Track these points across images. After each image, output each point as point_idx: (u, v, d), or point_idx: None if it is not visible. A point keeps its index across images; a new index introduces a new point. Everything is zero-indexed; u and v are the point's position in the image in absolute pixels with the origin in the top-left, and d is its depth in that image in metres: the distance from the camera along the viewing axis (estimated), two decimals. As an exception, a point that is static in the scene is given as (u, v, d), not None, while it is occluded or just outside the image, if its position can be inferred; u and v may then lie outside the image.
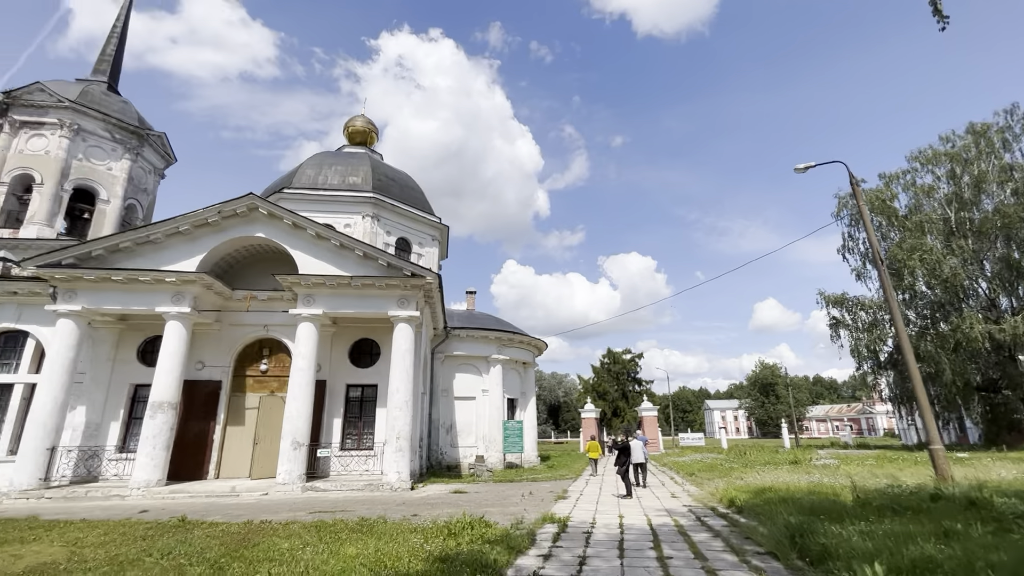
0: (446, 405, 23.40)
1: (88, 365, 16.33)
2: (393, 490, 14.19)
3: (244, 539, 7.31)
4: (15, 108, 24.22)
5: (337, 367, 17.50)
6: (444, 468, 22.33)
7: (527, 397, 26.80)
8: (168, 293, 15.35)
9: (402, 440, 14.86)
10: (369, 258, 16.17)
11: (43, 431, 14.05)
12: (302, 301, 15.67)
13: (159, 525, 8.83)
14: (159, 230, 15.52)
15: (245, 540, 7.23)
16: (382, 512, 9.92)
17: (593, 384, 66.41)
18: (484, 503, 11.41)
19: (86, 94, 25.50)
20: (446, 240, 30.60)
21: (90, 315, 15.42)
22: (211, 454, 16.15)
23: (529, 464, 24.67)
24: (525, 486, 15.22)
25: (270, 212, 16.10)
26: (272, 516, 9.88)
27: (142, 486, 13.75)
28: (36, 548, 7.16)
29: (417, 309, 16.09)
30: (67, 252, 14.95)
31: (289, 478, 14.11)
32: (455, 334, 23.65)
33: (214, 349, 17.03)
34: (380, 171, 27.89)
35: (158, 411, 14.48)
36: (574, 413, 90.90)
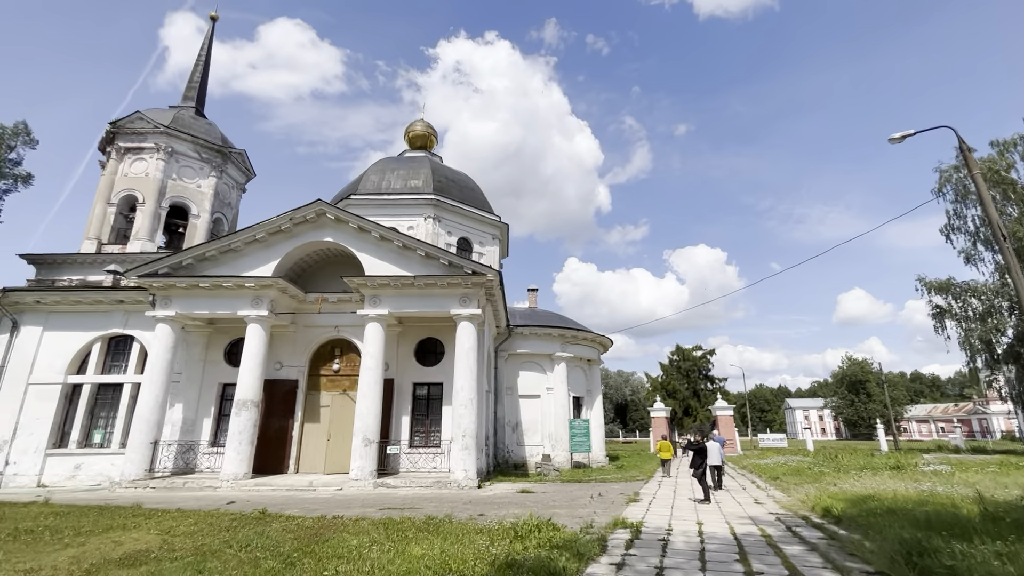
0: (511, 403, 23.31)
1: (183, 366, 17.73)
2: (460, 488, 14.21)
3: (316, 534, 7.45)
4: (120, 136, 26.86)
5: (404, 366, 17.86)
6: (511, 466, 22.25)
7: (593, 395, 26.17)
8: (248, 297, 16.31)
9: (468, 438, 14.86)
10: (431, 258, 16.33)
11: (146, 426, 15.39)
12: (369, 302, 16.10)
13: (242, 517, 9.28)
14: (239, 239, 16.54)
15: (317, 535, 7.37)
16: (449, 511, 9.86)
17: (662, 382, 64.09)
18: (551, 504, 11.08)
19: (177, 119, 27.82)
20: (506, 239, 30.56)
21: (183, 320, 16.71)
22: (291, 449, 17.00)
23: (597, 464, 24.05)
24: (594, 487, 14.73)
25: (337, 217, 16.68)
26: (344, 511, 10.11)
27: (230, 478, 14.69)
28: (135, 535, 7.70)
29: (479, 307, 16.05)
30: (162, 262, 16.29)
31: (361, 474, 14.52)
32: (518, 332, 23.50)
33: (290, 350, 17.93)
34: (440, 173, 28.32)
35: (242, 408, 15.42)
36: (642, 412, 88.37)
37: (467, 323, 15.94)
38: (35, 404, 17.50)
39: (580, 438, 22.50)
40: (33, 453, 17.02)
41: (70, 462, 17.04)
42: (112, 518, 9.23)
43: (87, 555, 6.43)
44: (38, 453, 17.03)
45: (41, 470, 16.91)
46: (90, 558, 6.26)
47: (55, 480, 16.74)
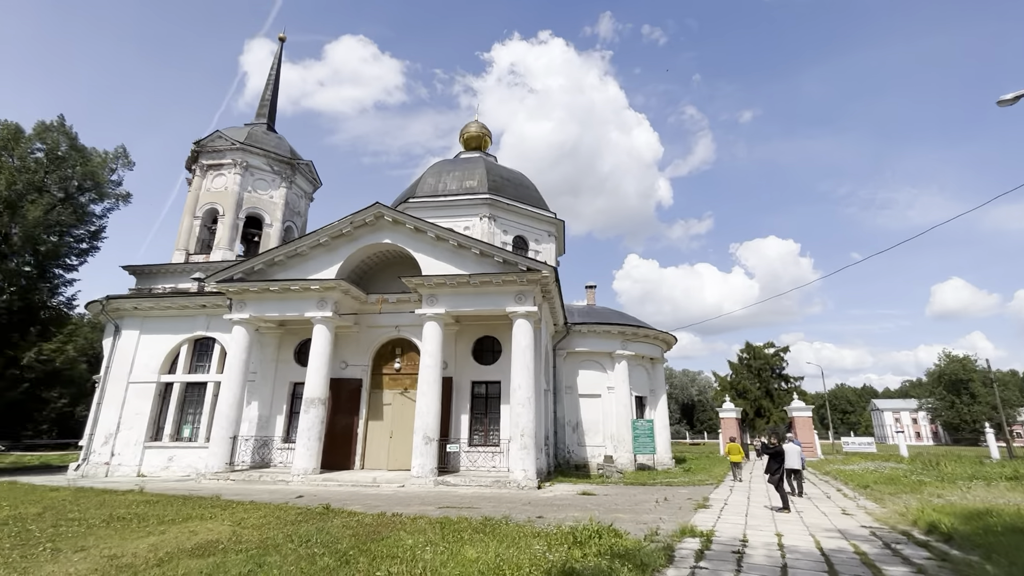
0: (570, 402, 22.86)
1: (258, 365, 18.79)
2: (520, 488, 14.01)
3: (374, 532, 7.48)
4: (203, 154, 28.94)
5: (462, 364, 17.93)
6: (572, 467, 21.81)
7: (657, 395, 25.15)
8: (314, 299, 17.00)
9: (526, 437, 14.63)
10: (485, 256, 16.26)
11: (226, 422, 16.41)
12: (426, 301, 16.28)
13: (307, 511, 9.55)
14: (304, 243, 17.27)
15: (374, 533, 7.40)
16: (507, 511, 9.66)
17: (731, 381, 60.92)
18: (613, 508, 10.60)
19: (251, 135, 29.63)
20: (562, 235, 30.10)
21: (256, 322, 17.68)
22: (356, 446, 17.54)
23: (662, 466, 23.07)
24: (659, 490, 14.02)
25: (394, 219, 17.02)
26: (403, 509, 10.18)
27: (301, 473, 15.33)
28: (209, 526, 8.09)
29: (535, 304, 15.79)
30: (236, 268, 17.34)
31: (422, 472, 14.68)
32: (576, 330, 23.01)
33: (354, 350, 18.52)
34: (494, 173, 28.34)
35: (310, 406, 16.07)
36: (710, 413, 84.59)
37: (523, 320, 15.72)
38: (134, 401, 19.21)
39: (644, 439, 21.66)
40: (133, 445, 18.68)
41: (164, 454, 18.54)
42: (193, 508, 9.80)
43: (165, 543, 6.79)
44: (137, 446, 18.67)
45: (140, 461, 18.53)
46: (167, 546, 6.59)
47: (151, 470, 18.28)
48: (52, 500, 11.11)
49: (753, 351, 61.96)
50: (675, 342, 26.97)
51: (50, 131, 25.32)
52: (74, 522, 8.42)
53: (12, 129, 24.18)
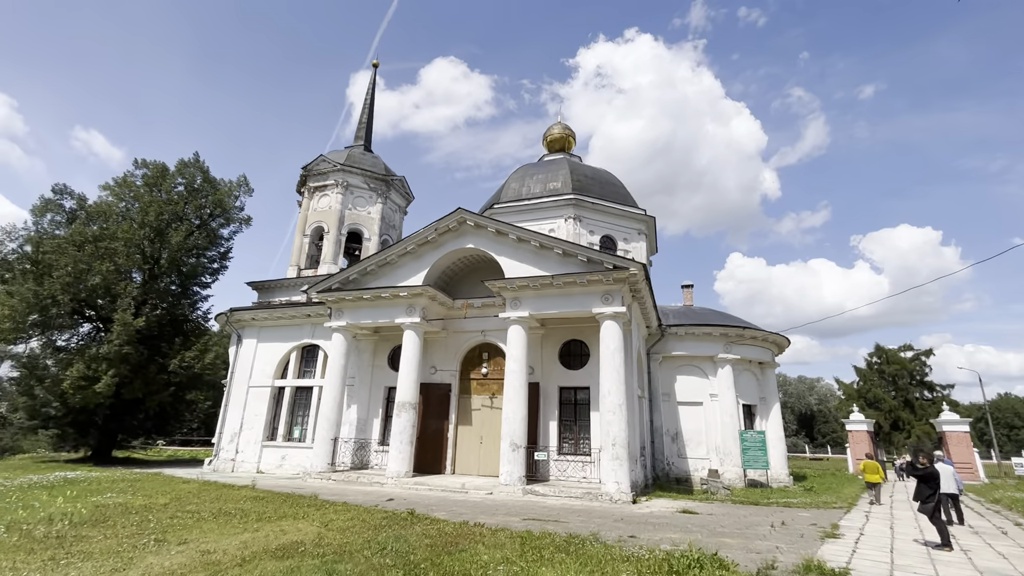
0: (668, 411, 21.29)
1: (356, 371, 19.74)
2: (613, 502, 13.07)
3: (452, 543, 7.15)
4: (310, 178, 31.54)
5: (548, 369, 17.38)
6: (671, 480, 20.23)
7: (768, 403, 22.62)
8: (403, 306, 17.47)
9: (618, 447, 13.66)
10: (568, 256, 15.62)
11: (327, 424, 17.35)
12: (509, 304, 15.99)
13: (392, 516, 9.53)
14: (393, 252, 17.87)
15: (452, 544, 7.06)
16: (596, 528, 8.89)
17: (859, 389, 53.87)
18: (719, 531, 9.35)
19: (350, 156, 31.76)
20: (653, 233, 28.46)
21: (353, 328, 18.58)
22: (446, 451, 17.66)
23: (777, 483, 20.59)
24: (774, 512, 12.30)
25: (476, 223, 17.00)
26: (487, 518, 9.82)
27: (394, 476, 15.69)
28: (299, 526, 8.30)
29: (623, 304, 14.81)
30: (334, 279, 18.38)
31: (510, 479, 14.30)
32: (672, 332, 21.43)
33: (443, 355, 18.75)
34: (579, 172, 27.61)
35: (402, 410, 16.45)
36: (833, 424, 75.45)
37: (611, 322, 14.80)
38: (254, 403, 21.12)
39: (754, 452, 19.47)
40: (253, 444, 20.50)
41: (278, 453, 20.11)
42: (290, 507, 10.25)
43: (254, 541, 7.00)
44: (256, 444, 20.46)
45: (259, 459, 20.27)
46: (255, 545, 6.77)
47: (268, 467, 19.89)
48: (180, 492, 12.31)
49: (885, 355, 54.44)
50: (788, 345, 24.15)
51: (188, 167, 29.01)
52: (189, 514, 9.12)
53: (160, 168, 28.07)
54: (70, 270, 21.65)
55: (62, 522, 7.85)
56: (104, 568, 5.63)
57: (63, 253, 21.77)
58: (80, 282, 22.10)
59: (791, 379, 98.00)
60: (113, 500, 10.38)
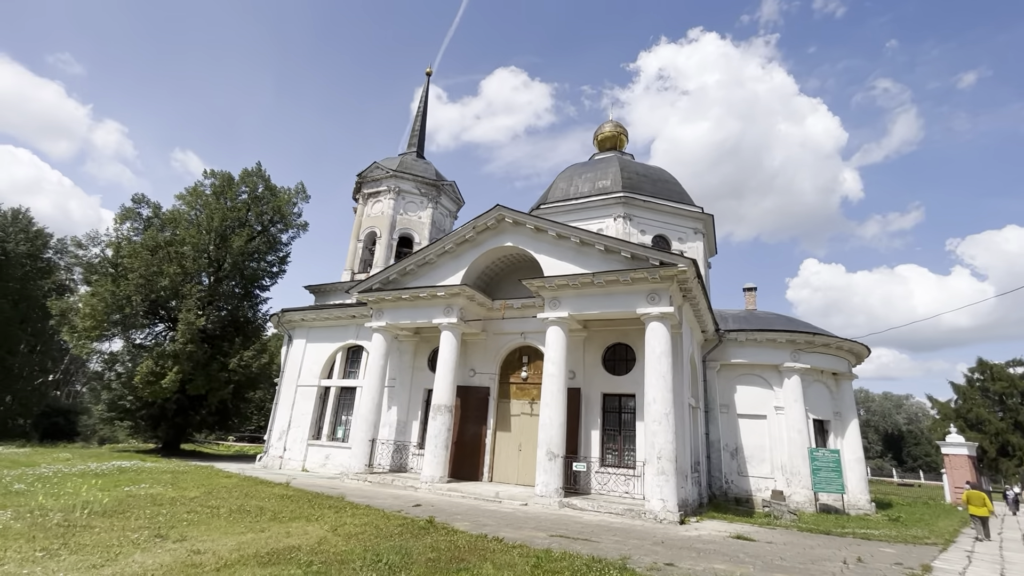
0: (727, 423, 19.50)
1: (397, 372, 19.59)
2: (658, 521, 11.84)
3: (459, 558, 6.44)
4: (365, 184, 32.30)
5: (591, 374, 16.32)
6: (731, 500, 18.42)
7: (844, 419, 20.19)
8: (440, 306, 17.09)
9: (664, 461, 12.40)
10: (611, 252, 14.59)
11: (365, 425, 17.22)
12: (548, 304, 15.16)
13: (409, 523, 8.96)
14: (432, 251, 17.57)
15: (458, 559, 6.35)
16: (628, 552, 7.86)
17: (957, 409, 47.94)
18: (776, 564, 8.00)
19: (402, 163, 32.27)
20: (712, 232, 26.58)
21: (393, 329, 18.44)
22: (484, 457, 17.00)
23: (856, 510, 18.21)
24: (849, 545, 10.59)
25: (515, 220, 16.35)
26: (511, 532, 9.02)
27: (428, 481, 15.22)
28: (308, 528, 7.90)
29: (670, 304, 13.56)
30: (375, 278, 18.35)
31: (546, 490, 13.39)
32: (731, 338, 19.66)
33: (482, 357, 18.18)
34: (629, 170, 26.33)
35: (437, 413, 15.99)
36: (926, 447, 67.90)
37: (657, 324, 13.59)
38: (301, 403, 21.52)
39: (827, 473, 17.31)
40: (300, 443, 20.85)
41: (322, 452, 20.30)
42: (310, 507, 9.95)
43: (252, 543, 6.63)
44: (303, 443, 20.78)
45: (304, 457, 20.56)
46: (251, 547, 6.39)
47: (312, 466, 20.11)
48: (216, 486, 12.42)
49: (990, 371, 48.37)
50: (867, 354, 21.55)
51: (251, 176, 30.54)
52: (208, 509, 9.00)
53: (226, 177, 29.73)
54: (142, 272, 23.17)
55: (81, 511, 7.91)
56: (86, 563, 5.41)
57: (137, 257, 23.36)
58: (152, 284, 23.59)
59: (875, 395, 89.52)
60: (145, 491, 10.56)
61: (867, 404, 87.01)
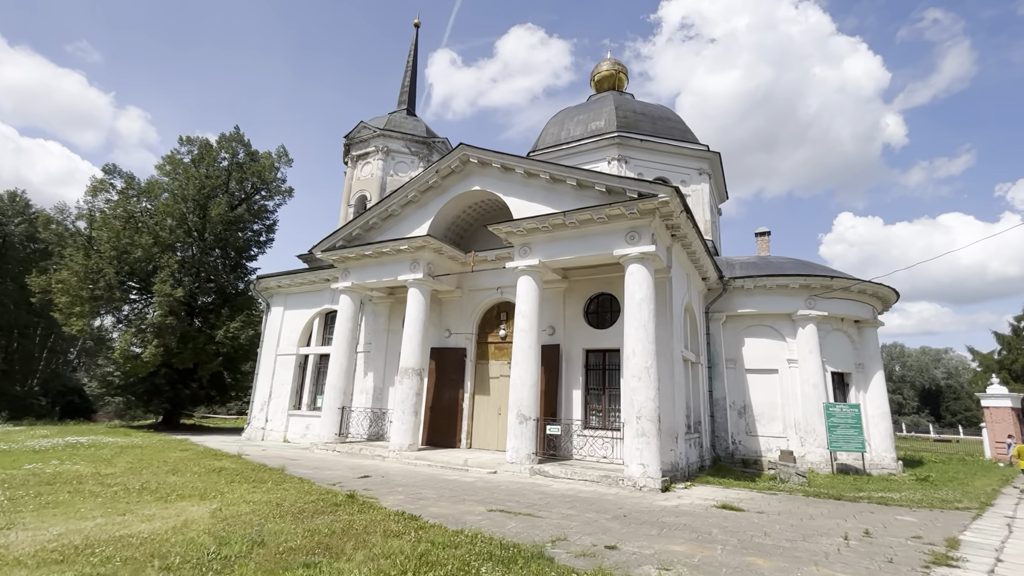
0: (734, 380, 17.70)
1: (372, 336, 18.33)
2: (637, 488, 10.34)
3: (325, 547, 5.06)
4: (353, 146, 30.63)
5: (572, 329, 14.67)
6: (737, 462, 16.83)
7: (867, 371, 18.12)
8: (406, 261, 15.56)
9: (645, 421, 10.80)
10: (584, 187, 12.69)
11: (334, 392, 16.08)
12: (518, 252, 13.44)
13: (325, 498, 7.68)
14: (394, 201, 15.93)
15: (327, 549, 4.97)
16: (569, 531, 6.40)
17: (1000, 360, 44.63)
18: (754, 544, 6.38)
19: (390, 121, 30.41)
20: (720, 174, 24.13)
21: (361, 290, 17.05)
22: (461, 423, 15.72)
23: (880, 470, 16.38)
24: (860, 513, 8.89)
25: (480, 160, 14.50)
26: (446, 508, 7.66)
27: (396, 449, 14.04)
28: (190, 509, 6.65)
29: (652, 243, 11.67)
30: (337, 235, 16.86)
31: (517, 457, 12.00)
32: (737, 286, 17.64)
33: (458, 316, 16.70)
34: (626, 108, 23.88)
35: (404, 377, 14.67)
36: (967, 401, 64.47)
37: (637, 266, 11.76)
38: (281, 372, 20.58)
39: (845, 430, 15.47)
40: (281, 413, 19.99)
41: (303, 422, 19.39)
42: (229, 483, 8.79)
43: (85, 531, 5.40)
44: (283, 413, 19.92)
45: (286, 427, 19.72)
46: (73, 537, 5.13)
47: (293, 437, 19.25)
48: (154, 460, 11.44)
49: (1038, 317, 44.54)
50: (896, 298, 19.23)
51: (231, 141, 29.16)
52: (102, 488, 7.90)
53: (203, 143, 28.41)
54: (114, 244, 22.27)
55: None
56: None
57: (107, 228, 22.43)
58: (125, 256, 22.72)
59: (911, 350, 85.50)
60: (54, 469, 9.57)
61: (903, 359, 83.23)
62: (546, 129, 25.42)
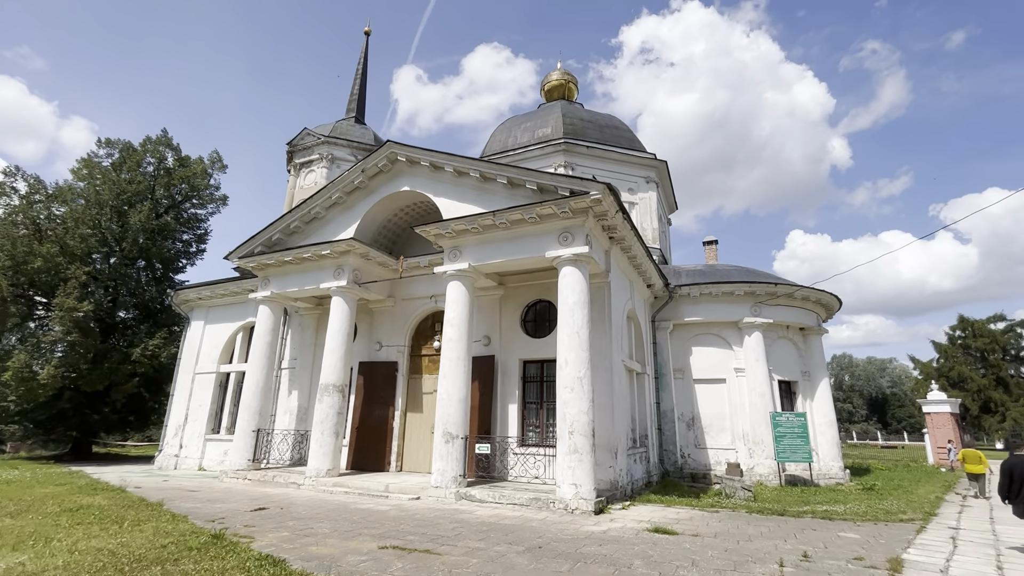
0: (682, 390, 17.11)
1: (298, 351, 16.84)
2: (568, 511, 9.36)
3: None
4: (296, 154, 29.16)
5: (509, 339, 13.70)
6: (686, 476, 16.13)
7: (813, 379, 17.91)
8: (330, 268, 14.29)
9: (578, 436, 9.87)
10: (516, 185, 11.89)
11: (248, 413, 14.48)
12: (448, 256, 12.44)
13: (187, 541, 6.34)
14: (317, 203, 14.71)
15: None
16: (470, 569, 5.34)
17: (939, 368, 46.49)
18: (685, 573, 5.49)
19: (336, 128, 29.18)
20: (668, 183, 23.99)
21: (283, 300, 15.63)
22: (391, 443, 14.40)
23: (827, 479, 16.01)
24: (802, 531, 8.19)
25: (408, 157, 13.53)
26: (333, 546, 6.46)
27: (314, 475, 12.60)
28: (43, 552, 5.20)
29: (586, 244, 10.92)
30: (255, 240, 15.43)
31: (442, 480, 10.83)
32: (683, 293, 17.18)
33: (389, 328, 15.48)
34: (573, 115, 23.54)
35: (324, 394, 13.30)
36: (910, 408, 67.08)
37: (571, 268, 10.96)
38: (199, 392, 18.67)
39: (792, 440, 15.04)
40: (197, 438, 18.05)
41: (221, 448, 17.51)
42: (68, 526, 7.26)
43: None
44: (200, 438, 17.99)
45: (202, 454, 17.80)
46: None
47: (211, 464, 17.34)
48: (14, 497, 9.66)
49: (971, 328, 46.87)
50: (839, 306, 19.26)
51: (157, 144, 27.13)
52: None
53: (125, 146, 26.31)
54: (9, 252, 19.97)
55: None
56: None
57: (2, 234, 20.12)
58: (22, 267, 20.40)
59: (859, 360, 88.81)
60: None
61: (852, 369, 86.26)
62: (493, 136, 24.79)
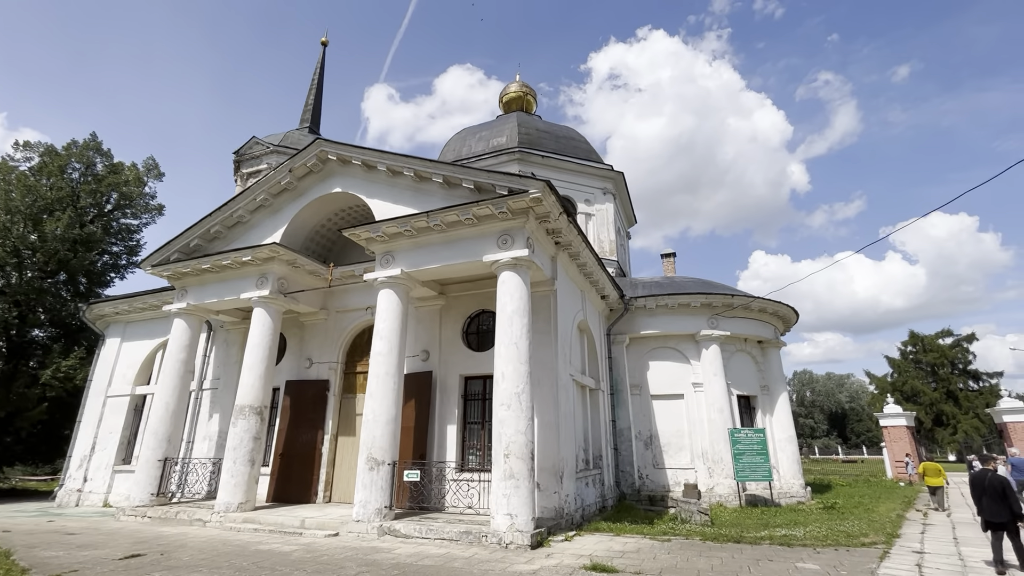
0: (640, 407, 16.28)
1: (221, 370, 15.24)
2: (501, 545, 8.21)
3: None
4: (243, 163, 27.60)
5: (449, 353, 12.58)
6: (644, 499, 15.18)
7: (772, 393, 17.39)
8: (253, 276, 12.94)
9: (515, 460, 8.79)
10: (453, 185, 10.96)
11: (154, 441, 12.80)
12: (380, 262, 11.33)
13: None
14: (241, 205, 13.40)
15: None
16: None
17: (893, 382, 47.48)
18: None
19: (286, 138, 27.83)
20: (626, 195, 23.60)
21: (201, 312, 14.09)
22: (319, 471, 12.92)
23: (789, 498, 15.33)
24: (759, 562, 7.29)
25: (340, 156, 12.45)
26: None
27: (222, 510, 11.02)
28: None
29: (527, 247, 10.02)
30: (171, 246, 13.93)
31: (364, 513, 9.52)
32: (639, 305, 16.49)
33: (321, 343, 14.13)
34: (528, 126, 23.00)
35: (239, 417, 11.83)
36: (868, 423, 68.54)
37: (510, 273, 10.02)
38: (110, 418, 16.71)
39: (751, 458, 14.32)
40: (104, 469, 16.05)
41: (131, 480, 15.55)
42: None
43: None
44: (107, 469, 16.00)
45: (109, 487, 15.79)
46: None
47: (118, 499, 15.34)
48: None
49: (921, 342, 48.17)
50: (796, 318, 18.95)
51: (85, 149, 25.17)
52: None
53: (47, 150, 24.28)
54: None
55: None
56: None
57: None
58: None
59: (819, 376, 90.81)
60: None
61: (812, 385, 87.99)
62: (448, 145, 23.99)
